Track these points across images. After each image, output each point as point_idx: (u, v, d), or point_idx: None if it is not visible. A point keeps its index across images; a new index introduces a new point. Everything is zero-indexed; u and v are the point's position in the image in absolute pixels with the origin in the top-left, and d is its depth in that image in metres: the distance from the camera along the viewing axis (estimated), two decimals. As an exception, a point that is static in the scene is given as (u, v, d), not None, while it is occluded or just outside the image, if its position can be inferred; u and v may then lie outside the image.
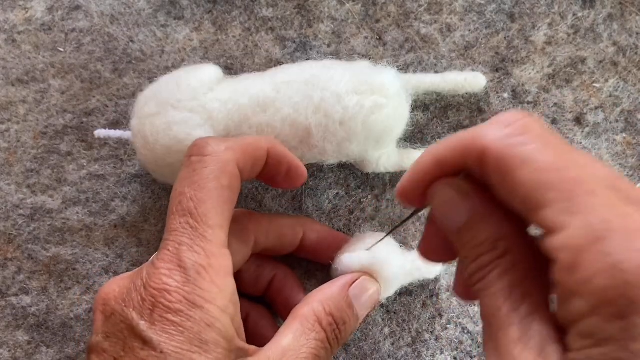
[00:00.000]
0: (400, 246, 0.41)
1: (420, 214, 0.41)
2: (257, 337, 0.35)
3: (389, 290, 0.39)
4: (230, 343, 0.31)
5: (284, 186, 0.38)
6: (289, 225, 0.40)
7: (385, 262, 0.38)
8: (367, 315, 0.41)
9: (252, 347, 0.32)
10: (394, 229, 0.39)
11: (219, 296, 0.31)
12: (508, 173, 0.24)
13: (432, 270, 0.41)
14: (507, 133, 0.25)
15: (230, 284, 0.32)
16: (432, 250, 0.31)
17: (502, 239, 0.26)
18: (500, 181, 0.25)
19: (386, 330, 0.42)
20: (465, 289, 0.31)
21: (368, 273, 0.38)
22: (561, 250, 0.22)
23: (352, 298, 0.36)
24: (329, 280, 0.38)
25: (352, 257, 0.38)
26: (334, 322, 0.35)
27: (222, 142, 0.34)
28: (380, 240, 0.38)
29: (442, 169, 0.27)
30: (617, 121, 0.44)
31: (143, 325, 0.30)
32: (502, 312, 0.24)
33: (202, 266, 0.31)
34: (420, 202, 0.29)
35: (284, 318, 0.37)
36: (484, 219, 0.26)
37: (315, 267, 0.43)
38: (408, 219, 0.35)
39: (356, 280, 0.37)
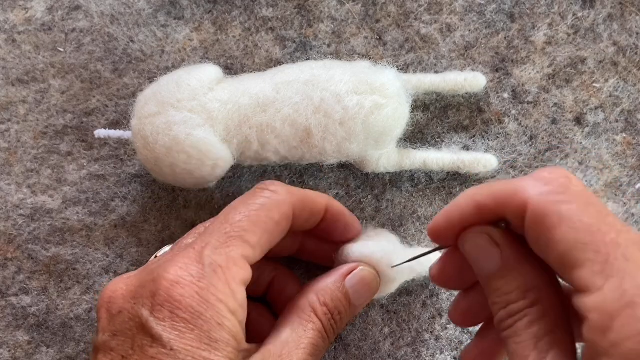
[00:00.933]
0: (402, 242, 0.41)
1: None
2: (257, 337, 0.35)
3: (393, 285, 0.39)
4: (239, 344, 0.31)
5: (339, 240, 0.39)
6: (314, 194, 0.38)
7: (388, 255, 0.38)
8: (367, 309, 0.41)
9: (254, 345, 0.32)
10: (413, 258, 0.37)
11: (231, 298, 0.31)
12: (547, 229, 0.25)
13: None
14: (548, 190, 0.26)
15: (242, 292, 0.32)
16: (444, 278, 0.32)
17: (532, 289, 0.27)
18: (537, 236, 0.26)
19: (386, 330, 0.42)
20: (462, 318, 0.33)
21: (368, 264, 0.38)
22: (593, 311, 0.24)
23: (348, 287, 0.36)
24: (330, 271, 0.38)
25: (354, 248, 0.38)
26: (329, 312, 0.35)
27: (286, 186, 0.35)
28: (400, 264, 0.38)
29: (480, 215, 0.28)
30: (617, 121, 0.44)
31: (153, 321, 0.29)
32: None
33: (220, 266, 0.31)
34: (451, 242, 0.30)
35: (280, 312, 0.37)
36: (515, 268, 0.28)
37: (315, 267, 0.43)
38: (431, 252, 0.35)
39: (353, 270, 0.37)
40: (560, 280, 0.28)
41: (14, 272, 0.44)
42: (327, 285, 0.36)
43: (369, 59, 0.44)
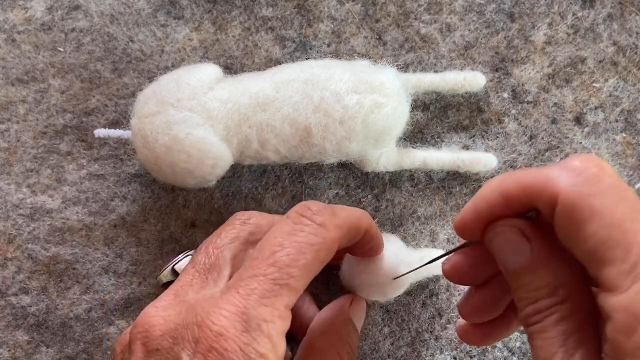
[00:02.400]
0: (408, 245, 0.41)
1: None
2: None
3: (400, 290, 0.40)
4: None
5: (362, 256, 0.39)
6: (357, 219, 0.37)
7: (396, 266, 0.38)
8: (367, 309, 0.42)
9: None
10: (437, 258, 0.36)
11: (272, 353, 0.30)
12: (577, 223, 0.24)
13: (437, 269, 0.40)
14: (579, 181, 0.25)
15: (283, 345, 0.31)
16: (459, 273, 0.31)
17: (563, 285, 0.26)
18: (567, 229, 0.25)
19: (386, 330, 0.42)
20: (472, 313, 0.32)
21: (357, 296, 0.39)
22: (619, 311, 0.23)
23: (355, 319, 0.38)
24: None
25: (364, 262, 0.39)
26: (351, 350, 0.36)
27: (333, 216, 0.33)
28: (417, 268, 0.38)
29: (509, 206, 0.27)
30: (617, 121, 0.44)
31: None
32: (557, 358, 0.25)
33: (265, 321, 0.30)
34: (479, 237, 0.29)
35: (295, 330, 0.37)
36: (545, 263, 0.27)
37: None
38: (457, 249, 0.33)
39: (352, 301, 0.39)
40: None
41: (14, 272, 0.44)
42: (343, 323, 0.37)
43: (369, 58, 0.44)
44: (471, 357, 0.42)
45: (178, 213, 0.44)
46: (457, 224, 0.30)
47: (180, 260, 0.40)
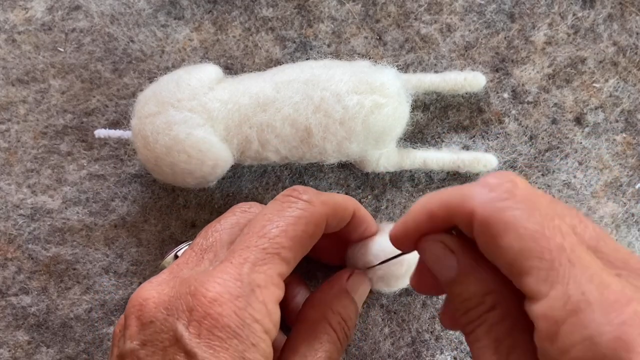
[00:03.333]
0: None
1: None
2: None
3: (404, 281, 0.40)
4: None
5: (357, 240, 0.39)
6: (343, 200, 0.38)
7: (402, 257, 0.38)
8: (367, 309, 0.41)
9: None
10: (387, 260, 0.38)
11: (267, 318, 0.30)
12: (493, 237, 0.25)
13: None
14: (492, 197, 0.26)
15: (277, 312, 0.31)
16: (423, 284, 0.32)
17: (490, 293, 0.27)
18: (485, 244, 0.26)
19: (386, 330, 0.42)
20: (451, 321, 0.33)
21: (359, 269, 0.39)
22: (541, 318, 0.24)
23: (350, 291, 0.37)
24: (330, 279, 0.38)
25: (369, 249, 0.39)
26: (342, 320, 0.35)
27: (319, 195, 0.34)
28: (379, 264, 0.38)
29: (433, 223, 0.28)
30: (617, 121, 0.44)
31: (188, 337, 0.29)
32: None
33: (259, 286, 0.30)
34: (412, 249, 0.30)
35: (288, 318, 0.37)
36: (472, 274, 0.28)
37: (315, 267, 0.43)
38: (395, 257, 0.36)
39: (350, 275, 0.38)
40: None
41: (14, 272, 0.44)
42: (336, 294, 0.36)
43: (369, 58, 0.44)
44: (471, 357, 0.42)
45: (178, 213, 0.44)
46: (391, 237, 0.30)
47: (183, 248, 0.40)
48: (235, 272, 0.30)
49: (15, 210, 0.45)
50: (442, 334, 0.42)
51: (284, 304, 0.40)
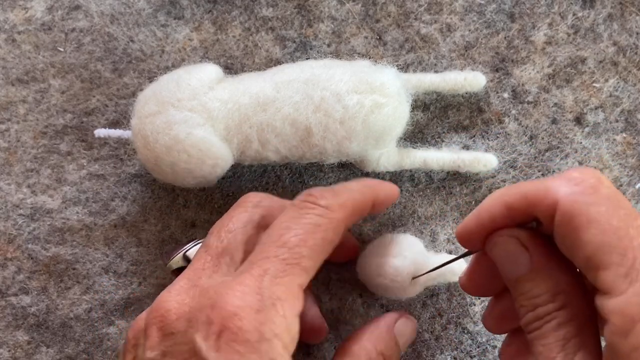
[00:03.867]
0: (427, 249, 0.41)
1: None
2: None
3: (412, 293, 0.40)
4: None
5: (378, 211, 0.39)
6: (362, 195, 0.37)
7: (416, 268, 0.39)
8: (367, 310, 0.41)
9: None
10: (440, 266, 0.38)
11: (286, 333, 0.30)
12: (575, 230, 0.25)
13: (457, 273, 0.40)
14: (578, 190, 0.26)
15: (296, 325, 0.31)
16: (474, 284, 0.32)
17: (561, 292, 0.27)
18: (565, 236, 0.26)
19: (386, 330, 0.42)
20: (496, 324, 0.33)
21: (405, 315, 0.39)
22: (615, 313, 0.24)
23: (397, 334, 0.37)
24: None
25: (382, 267, 0.39)
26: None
27: (336, 196, 0.33)
28: (425, 273, 0.38)
29: (510, 216, 0.28)
30: (617, 121, 0.44)
31: (206, 350, 0.29)
32: None
33: (279, 299, 0.30)
34: (479, 246, 0.30)
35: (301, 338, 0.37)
36: (544, 271, 0.28)
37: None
38: (458, 258, 0.35)
39: (399, 318, 0.38)
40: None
41: (14, 272, 0.44)
42: (381, 334, 0.36)
43: (369, 58, 0.44)
44: (471, 357, 0.42)
45: (178, 213, 0.44)
46: (459, 233, 0.30)
47: (191, 247, 0.40)
48: (256, 284, 0.30)
49: (15, 210, 0.44)
50: (442, 334, 0.42)
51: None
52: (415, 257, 0.39)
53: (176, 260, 0.40)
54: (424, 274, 0.38)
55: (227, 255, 0.33)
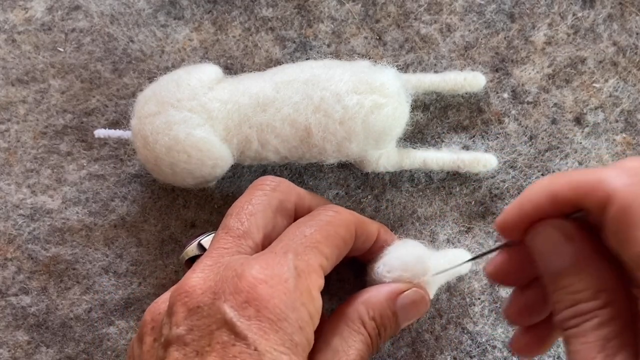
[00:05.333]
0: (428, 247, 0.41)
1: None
2: None
3: (431, 286, 0.39)
4: (310, 348, 0.31)
5: (367, 259, 0.39)
6: (367, 219, 0.39)
7: (416, 259, 0.38)
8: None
9: None
10: (475, 257, 0.37)
11: (312, 304, 0.30)
12: (630, 225, 0.24)
13: (465, 268, 0.40)
14: (633, 182, 0.24)
15: (320, 299, 0.31)
16: (503, 275, 0.31)
17: (605, 290, 0.26)
18: (618, 231, 0.24)
19: (386, 330, 0.42)
20: (518, 315, 0.32)
21: (417, 284, 0.37)
22: None
23: (398, 307, 0.36)
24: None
25: (394, 263, 0.38)
26: (376, 327, 0.35)
27: (345, 209, 0.36)
28: (459, 265, 0.38)
29: (556, 206, 0.27)
30: (617, 121, 0.44)
31: (237, 318, 0.28)
32: None
33: (304, 271, 0.30)
34: (520, 237, 0.29)
35: None
36: (588, 266, 0.26)
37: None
38: (495, 249, 0.33)
39: (406, 290, 0.37)
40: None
41: (14, 272, 0.44)
42: (379, 301, 0.36)
43: (369, 58, 0.44)
44: (471, 357, 0.42)
45: (178, 213, 0.44)
46: (499, 222, 0.29)
47: (206, 237, 0.39)
48: (280, 258, 0.31)
49: (15, 210, 0.45)
50: (442, 334, 0.42)
51: None
52: (420, 257, 0.39)
53: (191, 249, 0.39)
54: (448, 269, 0.37)
55: (248, 238, 0.33)
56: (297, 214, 0.37)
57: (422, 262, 0.38)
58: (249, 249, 0.33)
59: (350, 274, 0.42)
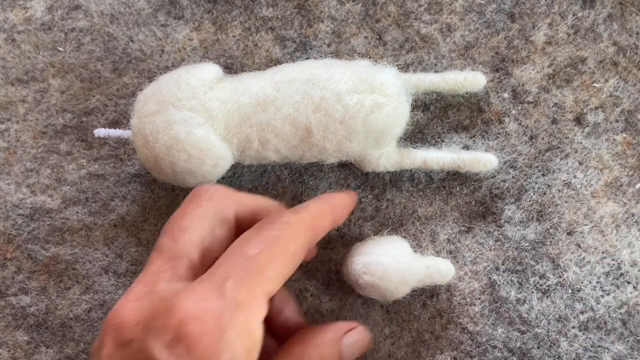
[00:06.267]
0: (415, 251, 0.41)
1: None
2: None
3: (399, 294, 0.40)
4: None
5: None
6: (323, 209, 0.37)
7: (401, 270, 0.39)
8: (368, 310, 0.41)
9: None
10: None
11: (249, 338, 0.29)
12: None
13: (445, 277, 0.41)
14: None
15: (260, 331, 0.30)
16: None
17: None
18: None
19: (386, 330, 0.42)
20: None
21: (360, 327, 0.37)
22: None
23: (343, 346, 0.36)
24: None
25: (366, 266, 0.39)
26: None
27: (295, 213, 0.34)
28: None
29: None
30: (617, 121, 0.44)
31: (166, 358, 0.27)
32: None
33: (242, 303, 0.29)
34: None
35: (275, 333, 0.37)
36: None
37: (314, 266, 0.43)
38: None
39: (352, 329, 0.36)
40: None
41: (14, 272, 0.44)
42: (325, 342, 0.35)
43: (369, 58, 0.44)
44: (471, 357, 0.42)
45: (178, 213, 0.44)
46: None
47: None
48: (217, 287, 0.29)
49: (14, 210, 0.44)
50: (442, 334, 0.42)
51: (270, 320, 0.38)
52: (401, 257, 0.39)
53: None
54: (427, 284, 0.38)
55: (184, 257, 0.32)
56: (240, 222, 0.35)
57: (402, 277, 0.39)
58: (185, 268, 0.32)
59: (350, 273, 0.42)
